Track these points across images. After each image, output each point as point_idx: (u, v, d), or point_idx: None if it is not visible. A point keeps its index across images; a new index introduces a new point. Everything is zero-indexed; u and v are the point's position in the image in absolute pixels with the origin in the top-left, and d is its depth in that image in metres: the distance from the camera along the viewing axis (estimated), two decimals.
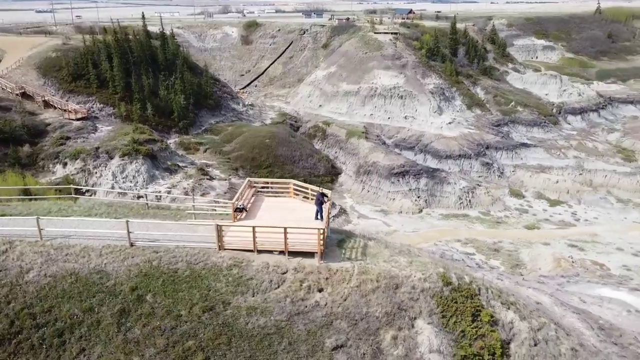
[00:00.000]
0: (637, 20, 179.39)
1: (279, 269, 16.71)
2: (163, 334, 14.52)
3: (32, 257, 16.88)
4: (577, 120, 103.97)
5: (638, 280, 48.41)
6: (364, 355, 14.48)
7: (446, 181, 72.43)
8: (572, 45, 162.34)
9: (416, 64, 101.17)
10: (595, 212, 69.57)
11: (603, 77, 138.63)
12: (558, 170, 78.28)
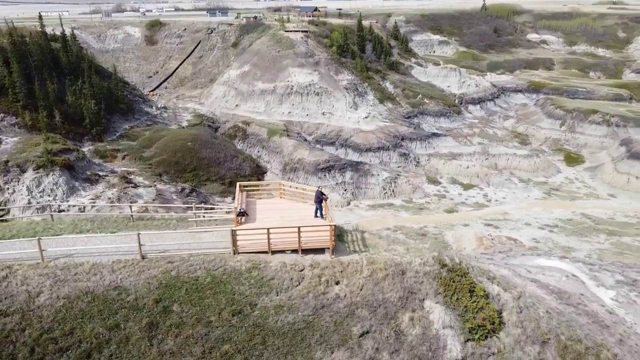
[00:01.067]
0: (517, 15, 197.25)
1: (296, 267, 17.39)
2: (197, 341, 14.55)
3: (39, 280, 16.04)
4: (476, 110, 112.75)
5: (555, 250, 54.47)
6: (387, 338, 15.71)
7: (370, 173, 75.63)
8: (464, 40, 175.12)
9: (329, 61, 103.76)
10: (502, 192, 76.43)
11: (493, 68, 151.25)
12: (467, 156, 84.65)
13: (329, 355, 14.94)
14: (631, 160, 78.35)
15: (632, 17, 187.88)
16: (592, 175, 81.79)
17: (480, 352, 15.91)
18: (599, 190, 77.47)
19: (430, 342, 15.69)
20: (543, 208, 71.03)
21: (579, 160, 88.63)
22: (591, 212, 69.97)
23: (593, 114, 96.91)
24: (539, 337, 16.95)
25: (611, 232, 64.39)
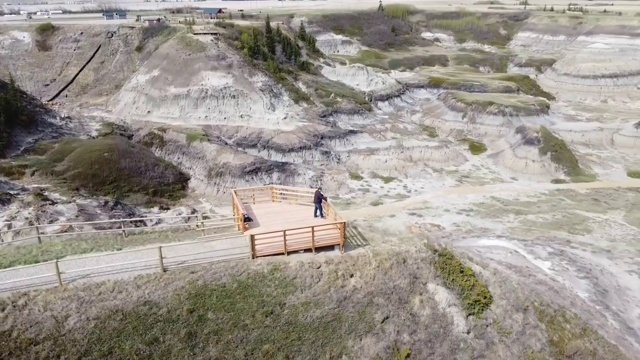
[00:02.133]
0: (411, 15, 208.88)
1: (313, 264, 18.15)
2: (238, 345, 14.74)
3: (63, 304, 15.25)
4: (386, 106, 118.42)
5: (475, 232, 59.43)
6: (405, 321, 17.06)
7: (296, 173, 76.98)
8: (366, 39, 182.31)
9: (242, 63, 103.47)
10: (420, 183, 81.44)
11: (394, 66, 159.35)
12: (384, 151, 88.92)
13: (358, 343, 16.09)
14: (527, 145, 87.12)
15: (510, 16, 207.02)
16: (495, 162, 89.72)
17: (480, 323, 17.95)
18: (503, 174, 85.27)
19: (440, 320, 17.43)
20: (458, 194, 76.83)
21: (482, 149, 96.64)
22: (499, 195, 76.92)
23: (490, 105, 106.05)
24: (520, 306, 19.45)
25: (518, 211, 71.36)
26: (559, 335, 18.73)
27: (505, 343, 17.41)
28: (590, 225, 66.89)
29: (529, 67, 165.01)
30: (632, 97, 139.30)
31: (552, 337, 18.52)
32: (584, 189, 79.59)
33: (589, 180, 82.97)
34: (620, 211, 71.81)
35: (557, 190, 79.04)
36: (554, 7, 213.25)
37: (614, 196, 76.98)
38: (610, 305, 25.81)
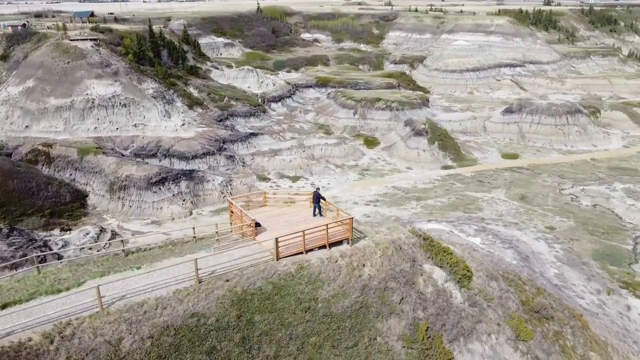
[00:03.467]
0: (289, 17, 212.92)
1: (331, 259, 19.02)
2: (288, 341, 15.16)
3: (112, 328, 14.51)
4: (279, 107, 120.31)
5: (384, 222, 63.51)
6: (416, 300, 18.70)
7: (205, 179, 75.75)
8: (248, 41, 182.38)
9: (128, 70, 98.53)
10: (326, 179, 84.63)
11: (280, 67, 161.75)
12: (286, 151, 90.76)
13: (386, 324, 17.51)
14: (416, 137, 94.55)
15: (381, 16, 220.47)
16: (390, 154, 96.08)
17: (470, 294, 20.38)
18: (398, 165, 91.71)
19: (442, 295, 19.49)
20: (362, 187, 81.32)
21: (375, 143, 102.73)
22: (399, 185, 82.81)
23: (377, 101, 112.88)
24: (492, 275, 22.32)
25: (418, 197, 77.59)
26: (525, 296, 22.07)
27: (492, 307, 20.17)
28: (480, 204, 75.04)
29: (403, 64, 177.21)
30: (492, 88, 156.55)
31: (521, 297, 21.78)
32: (469, 173, 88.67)
33: (471, 164, 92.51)
34: (501, 189, 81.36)
35: (448, 176, 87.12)
36: (418, 8, 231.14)
37: (494, 176, 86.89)
38: (534, 268, 30.24)
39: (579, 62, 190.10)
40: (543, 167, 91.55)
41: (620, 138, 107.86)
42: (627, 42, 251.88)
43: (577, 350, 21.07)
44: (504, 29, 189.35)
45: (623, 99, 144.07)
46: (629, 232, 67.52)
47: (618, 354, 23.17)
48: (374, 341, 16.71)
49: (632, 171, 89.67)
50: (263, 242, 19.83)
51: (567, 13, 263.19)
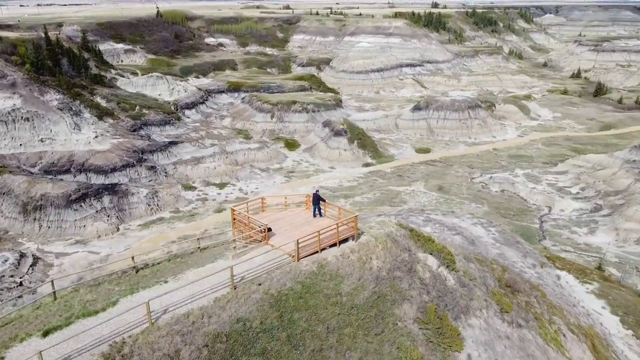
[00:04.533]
0: (190, 21, 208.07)
1: (344, 255, 19.71)
2: (327, 334, 15.78)
3: (167, 341, 14.55)
4: (193, 114, 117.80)
5: None
6: (419, 285, 19.99)
7: (129, 193, 72.58)
8: (150, 47, 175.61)
9: (27, 81, 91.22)
10: (253, 184, 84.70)
11: (187, 73, 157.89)
12: (209, 158, 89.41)
13: (402, 310, 18.70)
14: (336, 137, 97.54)
15: (284, 20, 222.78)
16: (312, 155, 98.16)
17: (459, 275, 22.24)
18: (322, 165, 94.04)
19: (439, 279, 21.10)
20: (291, 189, 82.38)
21: (296, 145, 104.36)
22: (326, 184, 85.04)
23: (294, 104, 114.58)
24: (468, 258, 24.45)
25: (346, 195, 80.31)
26: (497, 274, 24.56)
27: (477, 286, 22.26)
28: (403, 197, 79.46)
29: (311, 67, 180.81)
30: (397, 87, 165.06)
31: (494, 275, 24.21)
32: (388, 168, 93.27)
33: (389, 160, 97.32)
34: (420, 182, 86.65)
35: (370, 173, 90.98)
36: (318, 12, 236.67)
37: (412, 171, 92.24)
38: (480, 250, 33.37)
39: (469, 60, 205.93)
40: (453, 159, 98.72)
41: (514, 129, 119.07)
42: (506, 41, 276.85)
43: (545, 316, 24.05)
44: (401, 31, 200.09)
45: (511, 93, 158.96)
46: (534, 213, 75.33)
47: (571, 315, 26.69)
48: (396, 326, 18.04)
49: (528, 158, 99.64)
50: (280, 245, 20.44)
51: (454, 15, 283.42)
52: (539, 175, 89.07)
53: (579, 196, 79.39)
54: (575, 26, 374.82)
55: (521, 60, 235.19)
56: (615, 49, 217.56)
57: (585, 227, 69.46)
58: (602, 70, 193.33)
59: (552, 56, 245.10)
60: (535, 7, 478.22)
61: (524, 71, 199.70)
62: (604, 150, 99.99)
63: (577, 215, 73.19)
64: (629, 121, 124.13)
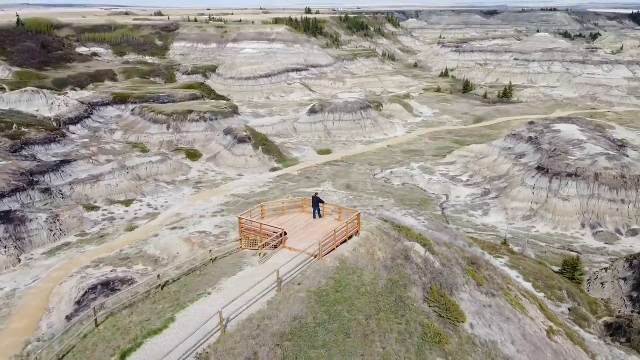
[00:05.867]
0: (57, 30, 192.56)
1: (355, 250, 20.73)
2: (368, 321, 17.00)
3: (243, 345, 15.39)
4: (79, 129, 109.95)
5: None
6: (417, 270, 21.65)
7: (26, 219, 66.16)
8: (14, 59, 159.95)
9: None
10: (162, 198, 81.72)
11: (61, 85, 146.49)
12: (109, 175, 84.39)
13: (412, 292, 20.27)
14: (241, 144, 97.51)
15: (162, 27, 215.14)
16: (217, 164, 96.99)
17: (440, 258, 24.47)
18: (229, 173, 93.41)
19: (429, 263, 23.00)
20: (203, 200, 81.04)
21: (198, 155, 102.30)
22: (237, 192, 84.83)
23: (190, 114, 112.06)
24: (438, 242, 26.90)
25: (260, 201, 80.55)
26: (460, 254, 27.44)
27: (454, 265, 24.74)
28: None
29: (197, 75, 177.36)
30: (286, 92, 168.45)
31: (461, 256, 27.03)
32: (295, 172, 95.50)
33: (294, 164, 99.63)
34: (328, 182, 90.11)
35: (278, 177, 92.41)
36: (197, 19, 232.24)
37: (318, 172, 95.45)
38: None
39: (349, 63, 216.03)
40: (354, 158, 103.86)
41: (402, 126, 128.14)
42: (379, 44, 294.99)
43: (504, 286, 27.56)
44: (284, 37, 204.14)
45: (392, 92, 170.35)
46: (435, 201, 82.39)
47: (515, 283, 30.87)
48: (413, 307, 19.76)
49: (419, 152, 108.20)
50: (299, 247, 21.34)
51: (329, 21, 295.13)
52: (432, 167, 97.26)
53: (469, 183, 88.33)
54: (436, 29, 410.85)
55: (394, 62, 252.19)
56: (473, 49, 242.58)
57: (480, 210, 77.69)
58: (465, 69, 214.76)
59: (420, 57, 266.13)
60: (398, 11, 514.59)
61: (400, 72, 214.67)
62: (481, 140, 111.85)
63: (472, 200, 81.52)
64: (495, 114, 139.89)
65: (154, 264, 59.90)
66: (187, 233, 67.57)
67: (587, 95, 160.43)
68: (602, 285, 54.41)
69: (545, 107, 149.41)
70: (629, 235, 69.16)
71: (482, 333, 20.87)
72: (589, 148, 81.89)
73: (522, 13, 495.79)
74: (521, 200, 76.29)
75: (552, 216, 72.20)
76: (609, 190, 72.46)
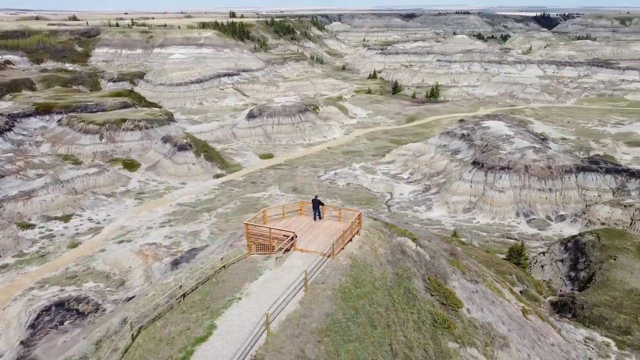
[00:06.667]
0: None
1: (361, 248, 21.36)
2: (387, 312, 18.49)
3: (290, 343, 16.24)
4: (0, 143, 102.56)
5: (188, 237, 64.47)
6: (413, 262, 22.66)
7: None
8: None
9: None
10: (103, 211, 78.30)
11: None
12: (42, 190, 79.56)
13: (416, 283, 21.23)
14: (182, 152, 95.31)
15: (81, 32, 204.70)
16: (157, 173, 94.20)
17: (427, 251, 25.82)
18: (171, 182, 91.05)
19: (420, 255, 24.14)
20: (148, 211, 78.60)
21: (135, 165, 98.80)
22: (182, 201, 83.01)
23: (123, 122, 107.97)
24: (423, 236, 28.35)
25: (207, 209, 79.75)
26: (440, 246, 29.10)
27: (440, 257, 26.13)
28: (264, 202, 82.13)
29: (123, 82, 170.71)
30: (219, 97, 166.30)
31: (441, 247, 28.63)
32: (240, 177, 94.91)
33: (238, 169, 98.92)
34: (274, 186, 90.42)
35: (223, 183, 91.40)
36: (118, 23, 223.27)
37: (263, 176, 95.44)
38: None
39: (279, 67, 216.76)
40: (296, 160, 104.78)
41: (339, 128, 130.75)
42: (306, 47, 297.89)
43: (480, 274, 29.56)
44: (213, 41, 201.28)
45: (325, 95, 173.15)
46: (380, 199, 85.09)
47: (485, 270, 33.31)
48: (419, 297, 20.89)
49: (359, 152, 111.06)
50: (312, 249, 21.82)
51: (255, 24, 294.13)
52: (373, 167, 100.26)
53: (410, 180, 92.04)
54: (359, 32, 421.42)
55: (323, 65, 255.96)
56: (398, 51, 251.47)
57: (424, 205, 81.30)
58: (392, 71, 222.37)
59: (348, 60, 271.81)
60: (321, 15, 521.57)
61: (329, 75, 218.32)
62: (415, 139, 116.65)
63: (414, 197, 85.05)
64: (426, 113, 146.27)
65: (105, 280, 57.67)
66: (138, 246, 65.52)
67: (506, 93, 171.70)
68: (542, 268, 59.16)
69: (470, 105, 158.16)
70: (558, 221, 75.27)
71: (478, 316, 22.53)
72: (517, 142, 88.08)
73: (439, 16, 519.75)
74: (460, 194, 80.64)
75: (489, 207, 77.00)
76: (538, 180, 78.43)
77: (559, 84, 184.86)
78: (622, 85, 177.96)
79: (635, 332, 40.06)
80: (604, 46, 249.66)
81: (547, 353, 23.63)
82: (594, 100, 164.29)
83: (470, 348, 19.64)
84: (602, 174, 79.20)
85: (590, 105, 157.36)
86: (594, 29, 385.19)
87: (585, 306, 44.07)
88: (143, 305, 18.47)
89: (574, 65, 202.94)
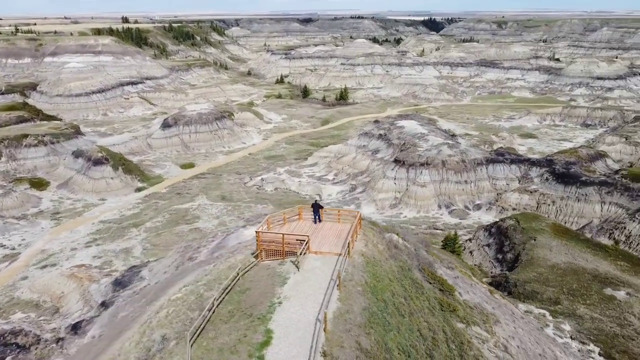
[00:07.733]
0: None
1: (367, 245, 22.07)
2: (406, 301, 19.39)
3: (346, 337, 17.21)
4: None
5: (119, 255, 61.91)
6: (407, 256, 23.96)
7: None
8: None
9: None
10: (15, 236, 71.88)
11: None
12: None
13: (416, 274, 22.65)
14: (98, 166, 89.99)
15: None
16: (71, 190, 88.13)
17: (410, 244, 27.48)
18: (89, 199, 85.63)
19: (409, 249, 25.63)
20: (69, 231, 73.54)
21: (44, 183, 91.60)
22: (105, 217, 78.63)
23: (25, 138, 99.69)
24: (406, 234, 29.93)
25: (135, 224, 76.33)
26: (412, 238, 31.05)
27: (420, 249, 27.90)
28: (195, 213, 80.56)
29: (13, 94, 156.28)
30: (124, 107, 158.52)
31: (415, 237, 30.46)
32: (163, 189, 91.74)
33: (159, 181, 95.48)
34: (201, 196, 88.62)
35: (146, 197, 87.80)
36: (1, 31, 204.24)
37: (188, 187, 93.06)
38: None
39: (184, 74, 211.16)
40: (219, 169, 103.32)
41: (257, 133, 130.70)
42: (207, 53, 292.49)
43: (450, 261, 31.96)
44: (111, 49, 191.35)
45: (236, 101, 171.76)
46: (310, 201, 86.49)
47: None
48: (423, 285, 22.38)
49: (281, 157, 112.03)
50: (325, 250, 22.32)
51: (153, 30, 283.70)
52: (298, 170, 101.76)
53: (336, 181, 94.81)
54: (260, 37, 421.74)
55: (228, 71, 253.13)
56: (302, 56, 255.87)
57: (353, 204, 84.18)
58: (298, 75, 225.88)
59: (252, 65, 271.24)
60: (218, 20, 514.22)
61: (237, 80, 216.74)
62: (332, 141, 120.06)
63: (342, 197, 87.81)
64: (338, 115, 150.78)
65: (35, 309, 53.33)
66: (66, 269, 61.19)
67: (409, 94, 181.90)
68: (471, 254, 64.26)
69: (377, 106, 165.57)
70: (475, 210, 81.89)
71: (468, 298, 24.70)
72: (432, 140, 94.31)
73: (335, 20, 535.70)
74: (386, 191, 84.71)
75: (414, 202, 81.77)
76: (454, 174, 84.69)
77: (454, 83, 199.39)
78: (508, 84, 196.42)
79: (564, 302, 45.33)
80: (489, 48, 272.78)
81: (525, 324, 26.53)
82: (486, 98, 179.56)
83: (474, 326, 21.68)
84: (508, 164, 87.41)
85: (484, 103, 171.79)
86: (475, 32, 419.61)
87: (518, 284, 48.90)
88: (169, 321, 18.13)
89: (465, 65, 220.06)
